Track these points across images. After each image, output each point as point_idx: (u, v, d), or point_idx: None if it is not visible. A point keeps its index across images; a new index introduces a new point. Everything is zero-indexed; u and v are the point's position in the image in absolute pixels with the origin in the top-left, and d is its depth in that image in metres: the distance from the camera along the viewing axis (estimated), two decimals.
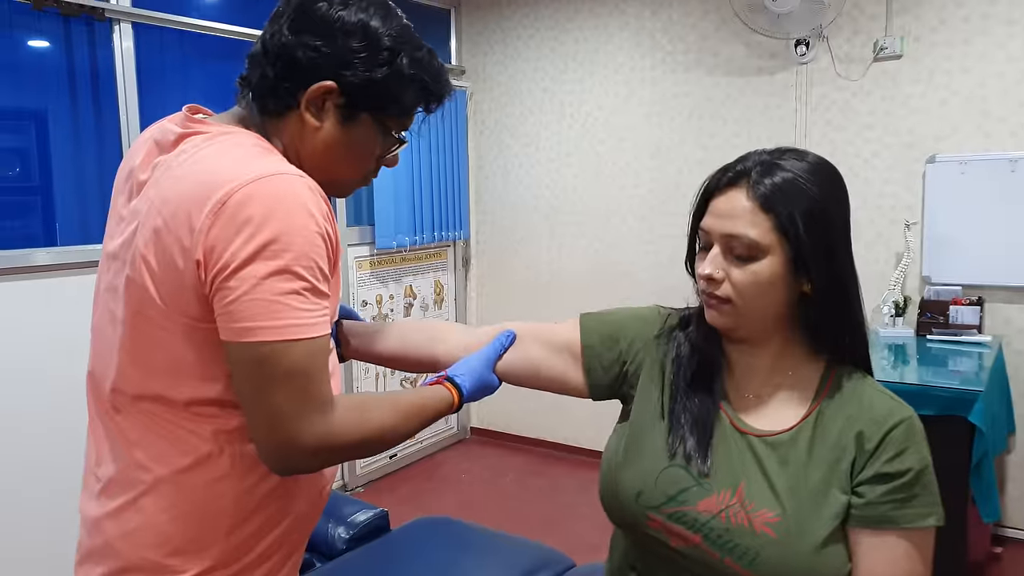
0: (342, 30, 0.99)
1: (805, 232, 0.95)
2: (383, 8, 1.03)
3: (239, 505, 1.00)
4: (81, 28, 2.74)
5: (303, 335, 0.90)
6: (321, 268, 0.92)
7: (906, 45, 3.17)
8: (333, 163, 1.05)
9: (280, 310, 0.89)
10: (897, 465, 0.94)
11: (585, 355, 1.14)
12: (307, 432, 0.92)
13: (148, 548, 0.98)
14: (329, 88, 1.00)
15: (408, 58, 1.02)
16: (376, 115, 1.04)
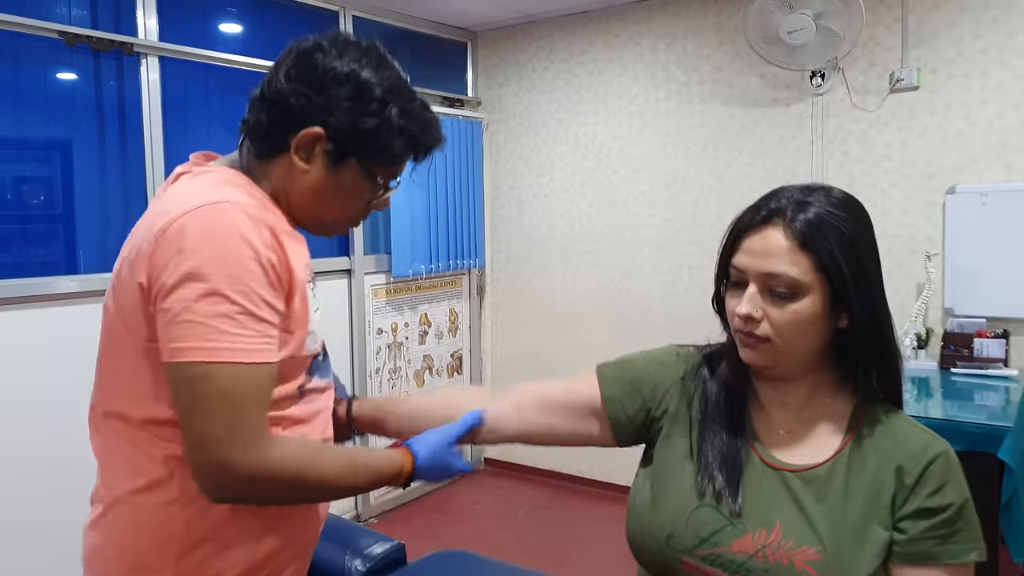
0: (333, 80, 1.04)
1: (845, 270, 0.95)
2: (376, 60, 1.07)
3: (189, 531, 1.01)
4: (110, 62, 2.80)
5: (233, 359, 0.92)
6: (259, 294, 0.94)
7: (923, 77, 3.18)
8: (319, 205, 1.09)
9: (208, 332, 0.91)
10: (939, 500, 0.93)
11: (607, 407, 1.13)
12: (238, 459, 0.92)
13: (110, 562, 1.03)
14: (317, 134, 1.04)
15: (398, 109, 1.06)
16: (363, 162, 1.08)
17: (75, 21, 2.70)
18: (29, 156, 2.71)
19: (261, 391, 0.95)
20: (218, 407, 0.92)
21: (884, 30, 3.25)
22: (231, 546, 1.03)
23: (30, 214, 2.68)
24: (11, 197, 2.63)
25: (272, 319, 0.96)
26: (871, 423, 1.00)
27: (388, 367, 3.98)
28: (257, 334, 0.94)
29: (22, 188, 2.66)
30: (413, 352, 4.15)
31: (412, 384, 4.14)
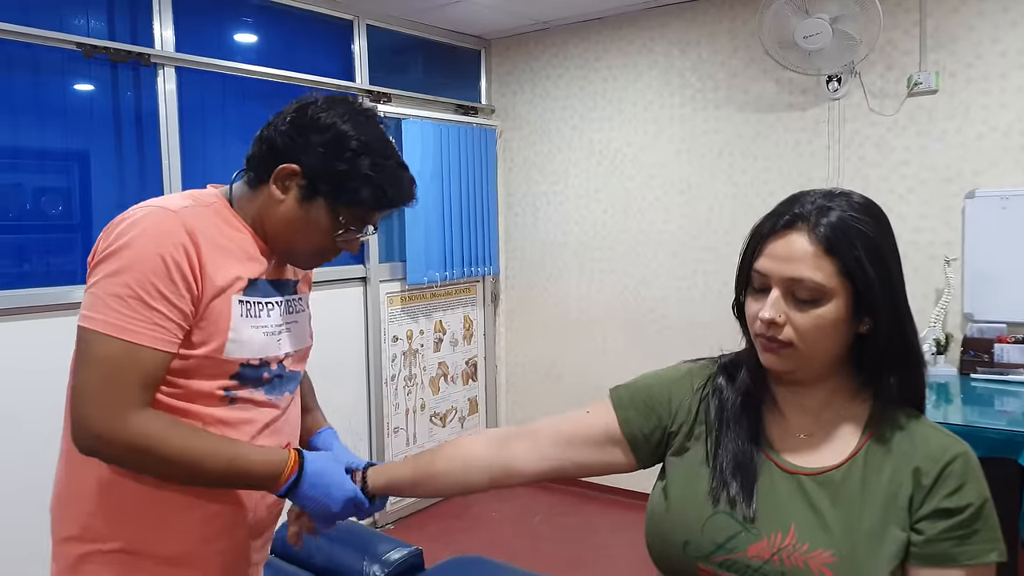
0: (314, 127, 1.20)
1: (870, 273, 0.95)
2: (362, 118, 1.22)
3: (97, 493, 1.16)
4: (128, 73, 2.83)
5: (110, 332, 1.06)
6: (155, 285, 1.08)
7: (941, 80, 3.16)
8: (288, 233, 1.24)
9: (99, 305, 1.07)
10: (957, 500, 0.93)
11: (624, 429, 1.13)
12: (96, 418, 1.06)
13: (53, 498, 1.23)
14: (293, 170, 1.20)
15: (370, 161, 1.20)
16: (330, 201, 1.21)
17: (93, 33, 2.73)
18: (48, 167, 2.74)
19: (138, 368, 1.07)
20: (92, 370, 1.07)
21: (902, 34, 3.23)
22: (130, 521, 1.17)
23: (49, 224, 2.71)
24: (30, 207, 2.66)
25: (167, 312, 1.09)
26: (889, 426, 1.00)
27: (403, 374, 3.99)
28: (144, 319, 1.07)
29: (41, 198, 2.69)
30: (428, 359, 4.16)
31: (427, 391, 4.14)
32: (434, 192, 3.91)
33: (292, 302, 1.34)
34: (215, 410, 1.18)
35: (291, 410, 1.34)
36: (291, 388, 1.32)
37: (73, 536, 1.18)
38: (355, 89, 3.65)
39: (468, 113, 4.29)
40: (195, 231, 1.13)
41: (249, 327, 1.20)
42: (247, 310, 1.21)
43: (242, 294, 1.20)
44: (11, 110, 2.58)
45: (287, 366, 1.30)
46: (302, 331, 1.36)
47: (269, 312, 1.25)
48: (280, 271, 1.31)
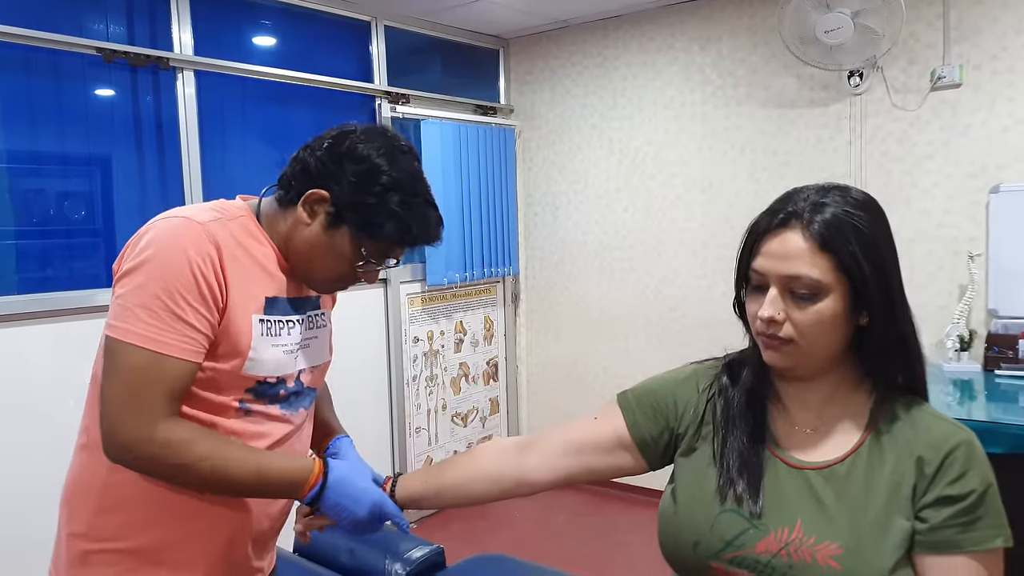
0: (349, 157, 1.20)
1: (866, 268, 0.95)
2: (393, 154, 1.22)
3: (105, 493, 1.18)
4: (147, 77, 2.86)
5: (138, 343, 1.07)
6: (184, 297, 1.09)
7: (965, 73, 3.11)
8: (310, 258, 1.24)
9: (127, 316, 1.08)
10: (959, 488, 0.93)
11: (632, 433, 1.14)
12: (124, 427, 1.08)
13: (63, 493, 1.25)
14: (322, 196, 1.21)
15: (399, 198, 1.20)
16: (354, 232, 1.22)
17: (112, 37, 2.77)
18: (71, 171, 2.77)
19: (166, 377, 1.09)
20: (119, 380, 1.08)
21: (925, 27, 3.18)
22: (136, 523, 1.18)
23: (72, 229, 2.75)
24: (53, 212, 2.70)
25: (195, 322, 1.10)
26: (891, 416, 1.01)
27: (425, 375, 4.00)
28: (172, 330, 1.08)
29: (64, 203, 2.73)
30: (449, 360, 4.17)
31: (449, 391, 4.15)
32: (453, 193, 3.92)
33: (313, 318, 1.34)
34: (229, 421, 1.20)
35: (305, 426, 1.35)
36: (306, 404, 1.33)
37: (80, 533, 1.21)
38: (373, 90, 3.67)
39: (487, 113, 4.30)
40: (220, 244, 1.15)
41: (270, 346, 1.22)
42: (267, 329, 1.22)
43: (263, 313, 1.21)
44: (33, 115, 2.62)
45: (304, 382, 1.31)
46: (321, 347, 1.37)
47: (290, 330, 1.26)
48: (302, 288, 1.32)
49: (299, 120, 3.45)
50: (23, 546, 2.45)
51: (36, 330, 2.51)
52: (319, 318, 1.36)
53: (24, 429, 2.48)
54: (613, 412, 1.17)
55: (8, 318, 2.45)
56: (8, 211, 2.58)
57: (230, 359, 1.17)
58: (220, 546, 1.25)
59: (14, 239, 2.61)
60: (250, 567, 1.32)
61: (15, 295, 2.53)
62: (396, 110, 3.71)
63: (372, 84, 3.68)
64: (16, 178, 2.61)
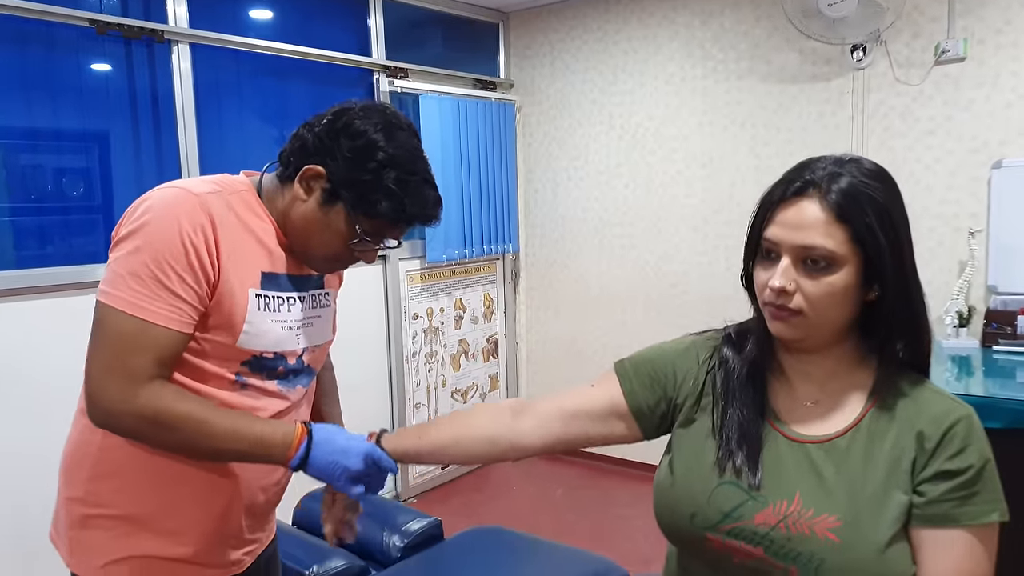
0: (345, 133, 1.19)
1: (880, 241, 0.94)
2: (390, 130, 1.20)
3: (100, 459, 1.20)
4: (142, 50, 2.83)
5: (125, 309, 1.08)
6: (173, 267, 1.09)
7: (969, 47, 3.08)
8: (306, 234, 1.24)
9: (117, 282, 1.09)
10: (958, 463, 0.93)
11: (629, 401, 1.13)
12: (106, 391, 1.09)
13: (62, 459, 1.27)
14: (318, 172, 1.20)
15: (395, 175, 1.18)
16: (349, 209, 1.20)
17: (105, 9, 2.73)
18: (66, 147, 2.75)
19: (150, 344, 1.09)
20: (105, 345, 1.09)
21: (929, 0, 3.15)
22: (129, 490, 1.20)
23: (69, 205, 2.74)
24: (50, 188, 2.69)
25: (182, 293, 1.10)
26: (893, 392, 1.00)
27: (424, 351, 4.01)
28: (158, 298, 1.09)
29: (61, 179, 2.72)
30: (449, 337, 4.18)
31: (448, 368, 4.17)
32: (452, 169, 3.90)
33: (317, 297, 1.34)
34: (225, 394, 1.20)
35: (303, 403, 1.35)
36: (304, 382, 1.33)
37: (78, 497, 1.23)
38: (372, 64, 3.64)
39: (486, 88, 4.27)
40: (214, 216, 1.14)
41: (268, 321, 1.22)
42: (265, 304, 1.22)
43: (259, 287, 1.21)
44: (26, 89, 2.59)
45: (305, 361, 1.31)
46: (324, 327, 1.36)
47: (290, 307, 1.26)
48: (304, 266, 1.31)
49: (296, 94, 3.42)
50: (23, 513, 2.48)
51: (35, 305, 2.52)
52: (322, 298, 1.36)
53: (23, 401, 2.49)
54: (610, 380, 1.16)
55: (7, 293, 2.46)
56: (3, 187, 2.57)
57: (223, 331, 1.17)
58: (213, 516, 1.26)
59: (10, 215, 2.60)
60: (244, 538, 1.33)
61: (14, 270, 2.53)
62: (395, 84, 3.69)
63: (370, 58, 3.65)
64: (10, 153, 2.59)
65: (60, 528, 1.27)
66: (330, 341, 1.41)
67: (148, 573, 1.23)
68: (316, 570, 2.07)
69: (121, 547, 1.21)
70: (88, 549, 1.23)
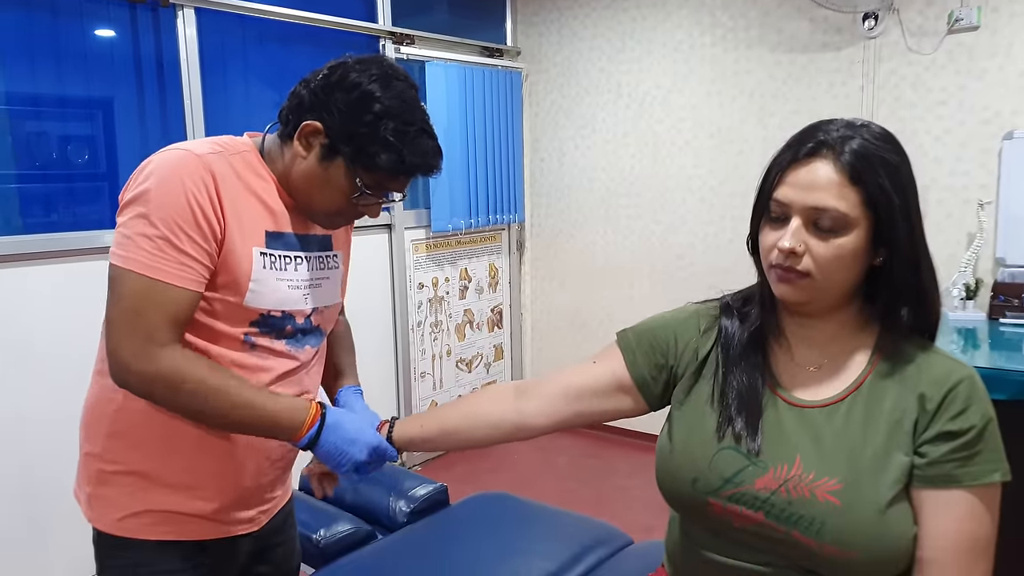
0: (340, 86, 1.18)
1: (893, 204, 0.94)
2: (386, 81, 1.19)
3: (116, 418, 1.23)
4: (146, 15, 2.81)
5: (138, 270, 1.10)
6: (180, 227, 1.11)
7: (983, 16, 3.03)
8: (308, 191, 1.23)
9: (128, 244, 1.11)
10: (960, 423, 0.93)
11: (631, 371, 1.14)
12: (124, 350, 1.10)
13: (82, 414, 1.30)
14: (316, 128, 1.19)
15: (392, 126, 1.17)
16: (348, 163, 1.19)
17: None
18: (70, 114, 2.74)
19: (165, 303, 1.11)
20: (121, 306, 1.11)
21: None
22: (145, 447, 1.23)
23: (74, 172, 2.73)
24: (55, 154, 2.68)
25: (191, 251, 1.12)
26: (894, 354, 1.00)
27: (429, 321, 4.02)
28: (169, 258, 1.10)
29: (66, 146, 2.71)
30: (454, 306, 4.18)
31: (453, 338, 4.18)
32: (458, 138, 3.87)
33: (325, 259, 1.34)
34: (234, 354, 1.22)
35: (313, 364, 1.36)
36: (314, 343, 1.33)
37: (96, 453, 1.26)
38: (377, 30, 3.61)
39: (493, 55, 4.23)
40: (216, 176, 1.15)
41: (274, 279, 1.22)
42: (272, 262, 1.22)
43: (264, 246, 1.21)
44: (31, 55, 2.57)
45: (314, 321, 1.32)
46: (332, 288, 1.36)
47: (296, 266, 1.26)
48: (310, 226, 1.31)
49: (302, 60, 3.39)
50: (30, 475, 2.51)
51: (41, 270, 2.53)
52: (331, 259, 1.36)
53: (31, 363, 2.51)
54: (612, 353, 1.17)
55: (13, 258, 2.46)
56: (9, 153, 2.56)
57: (230, 291, 1.18)
58: (229, 474, 1.27)
59: (16, 182, 2.60)
60: (262, 497, 1.35)
61: (20, 235, 2.53)
62: (400, 51, 3.65)
63: (376, 24, 3.61)
64: (17, 120, 2.58)
65: (82, 483, 1.30)
66: (339, 304, 1.42)
67: (164, 527, 1.25)
68: (323, 534, 2.10)
69: (137, 501, 1.24)
70: (105, 503, 1.26)
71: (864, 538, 0.92)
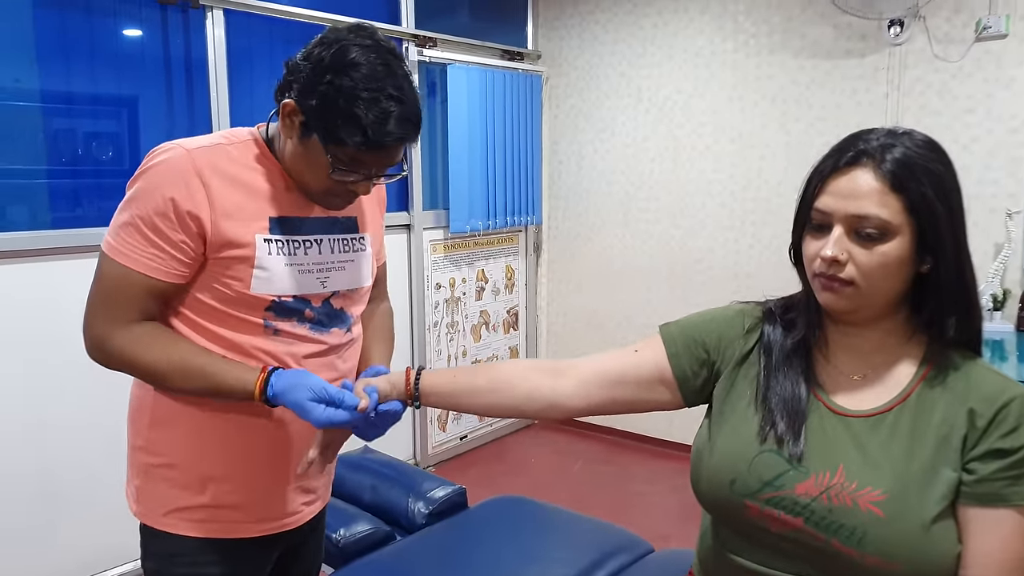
0: (307, 58, 1.16)
1: (936, 211, 0.93)
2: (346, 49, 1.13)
3: (155, 410, 1.26)
4: (177, 15, 2.83)
5: (114, 256, 1.16)
6: (154, 222, 1.15)
7: (1012, 24, 3.01)
8: (298, 171, 1.22)
9: (112, 232, 1.18)
10: (1011, 442, 0.92)
11: (673, 365, 1.13)
12: (92, 326, 1.18)
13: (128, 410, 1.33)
14: (292, 106, 1.16)
15: (358, 98, 1.11)
16: (323, 139, 1.16)
17: None
18: (100, 112, 2.76)
19: (132, 289, 1.16)
20: (97, 285, 1.18)
21: None
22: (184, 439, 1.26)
23: (101, 169, 2.75)
24: (82, 152, 2.70)
25: (164, 245, 1.15)
26: (943, 367, 0.99)
27: (446, 321, 4.02)
28: (141, 248, 1.15)
29: (92, 143, 2.73)
30: (470, 307, 4.18)
31: (469, 339, 4.18)
32: (478, 140, 3.88)
33: (350, 241, 1.33)
34: (258, 340, 1.23)
35: (347, 348, 1.34)
36: (341, 325, 1.32)
37: (141, 446, 1.29)
38: (401, 33, 3.62)
39: (514, 59, 4.23)
40: (205, 170, 1.16)
41: (282, 264, 1.22)
42: (279, 248, 1.21)
43: (268, 232, 1.21)
44: (65, 53, 2.60)
45: (335, 305, 1.30)
46: (357, 271, 1.34)
47: (307, 250, 1.25)
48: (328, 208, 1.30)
49: None
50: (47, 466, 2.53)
51: (68, 265, 2.55)
52: (356, 242, 1.34)
53: (57, 357, 2.53)
54: (655, 344, 1.15)
55: (42, 252, 2.49)
56: (41, 149, 2.59)
57: (235, 279, 1.20)
58: (265, 464, 1.29)
59: (46, 177, 2.62)
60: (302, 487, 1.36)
61: (49, 230, 2.56)
62: (423, 54, 3.66)
63: (399, 27, 3.62)
64: (49, 117, 2.61)
65: (130, 478, 1.32)
66: (367, 287, 1.39)
67: (205, 524, 1.27)
68: (343, 533, 2.11)
69: (180, 497, 1.26)
70: (151, 498, 1.28)
71: (908, 551, 0.91)
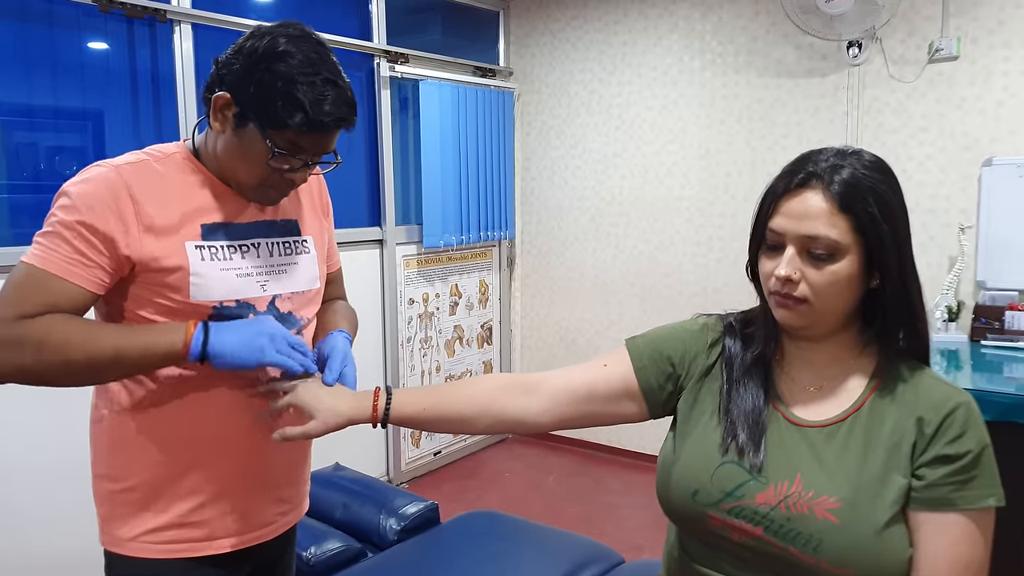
0: (239, 51, 1.18)
1: (882, 230, 0.97)
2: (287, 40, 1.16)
3: (113, 434, 1.26)
4: (144, 29, 2.83)
5: (31, 261, 1.14)
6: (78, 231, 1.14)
7: (962, 46, 3.12)
8: (232, 166, 1.23)
9: (32, 246, 1.16)
10: (957, 447, 0.96)
11: (639, 378, 1.16)
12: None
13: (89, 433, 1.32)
14: (225, 99, 1.17)
15: (296, 80, 1.14)
16: (260, 125, 1.17)
17: None
18: (64, 125, 2.74)
19: (47, 290, 1.13)
20: (7, 283, 1.15)
21: None
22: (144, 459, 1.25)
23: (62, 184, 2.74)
24: (44, 166, 2.67)
25: (88, 252, 1.14)
26: (893, 378, 1.03)
27: (419, 337, 4.04)
28: (59, 253, 1.14)
29: (54, 157, 2.70)
30: (444, 322, 4.20)
31: (443, 354, 4.20)
32: (451, 155, 3.91)
33: (291, 244, 1.33)
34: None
35: None
36: (290, 327, 1.31)
37: (103, 474, 1.28)
38: (373, 49, 3.65)
39: (486, 75, 4.28)
40: (134, 186, 1.17)
41: (217, 270, 1.22)
42: (212, 254, 1.22)
43: (200, 239, 1.21)
44: (27, 66, 2.57)
45: (281, 308, 1.30)
46: (301, 273, 1.34)
47: (243, 254, 1.26)
48: (267, 211, 1.31)
49: None
50: None
51: None
52: (298, 244, 1.35)
53: None
54: (622, 357, 1.18)
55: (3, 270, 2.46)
56: (0, 164, 2.56)
57: (172, 288, 1.19)
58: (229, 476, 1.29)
59: (7, 192, 2.59)
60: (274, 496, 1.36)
61: (8, 247, 2.51)
62: (395, 69, 3.69)
63: (371, 43, 3.65)
64: (9, 130, 2.58)
65: (98, 507, 1.31)
66: (316, 290, 1.39)
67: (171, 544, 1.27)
68: (314, 551, 2.11)
69: (145, 519, 1.26)
70: (115, 524, 1.27)
71: (861, 556, 0.94)
